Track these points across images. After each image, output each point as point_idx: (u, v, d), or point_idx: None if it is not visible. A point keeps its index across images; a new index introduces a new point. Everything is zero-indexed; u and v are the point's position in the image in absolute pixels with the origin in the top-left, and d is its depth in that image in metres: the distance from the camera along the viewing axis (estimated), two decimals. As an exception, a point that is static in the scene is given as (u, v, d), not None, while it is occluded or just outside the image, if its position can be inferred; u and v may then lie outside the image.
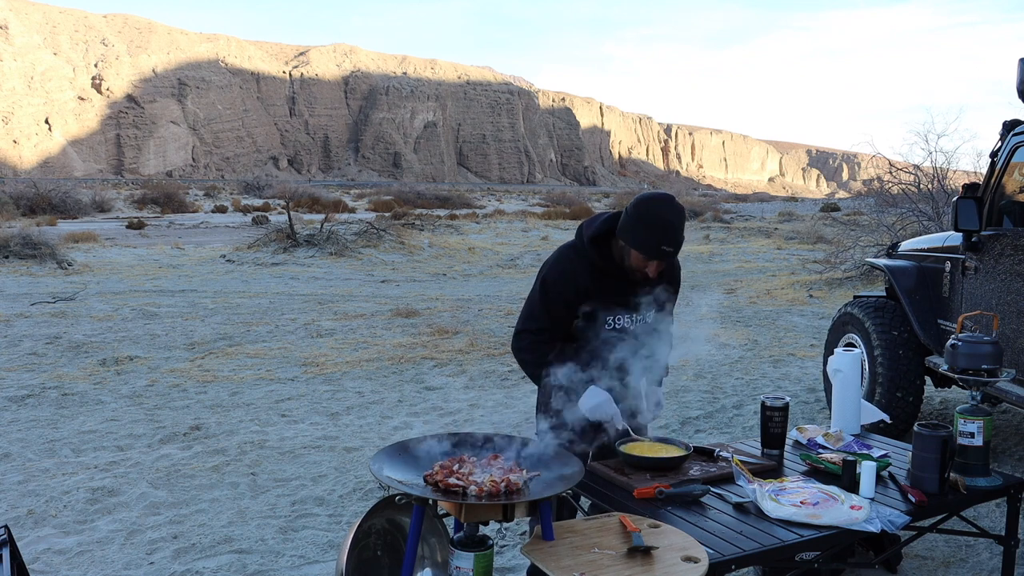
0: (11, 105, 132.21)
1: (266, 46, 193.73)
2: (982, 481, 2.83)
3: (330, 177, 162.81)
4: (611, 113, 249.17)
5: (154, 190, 43.34)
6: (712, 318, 10.33)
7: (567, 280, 2.80)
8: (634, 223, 2.69)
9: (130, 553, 3.72)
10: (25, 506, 4.24)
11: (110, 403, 6.28)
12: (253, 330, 9.35)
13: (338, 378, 7.01)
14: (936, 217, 12.45)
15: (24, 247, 15.38)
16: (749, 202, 69.51)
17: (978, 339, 2.95)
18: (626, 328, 2.85)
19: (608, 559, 1.99)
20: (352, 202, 46.43)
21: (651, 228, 2.66)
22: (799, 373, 7.37)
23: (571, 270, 2.82)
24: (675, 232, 2.67)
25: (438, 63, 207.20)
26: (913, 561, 3.58)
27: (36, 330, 9.07)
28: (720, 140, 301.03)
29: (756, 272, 15.82)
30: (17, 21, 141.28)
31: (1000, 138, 4.71)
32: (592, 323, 2.82)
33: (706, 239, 24.34)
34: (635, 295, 2.82)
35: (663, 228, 2.66)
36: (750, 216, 38.64)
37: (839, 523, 2.48)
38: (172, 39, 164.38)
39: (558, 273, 2.84)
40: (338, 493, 4.45)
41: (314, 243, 18.07)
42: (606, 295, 2.80)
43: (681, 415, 6.04)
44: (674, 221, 2.68)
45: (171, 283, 13.47)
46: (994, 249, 4.54)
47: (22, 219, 25.18)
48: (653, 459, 2.87)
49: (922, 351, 5.16)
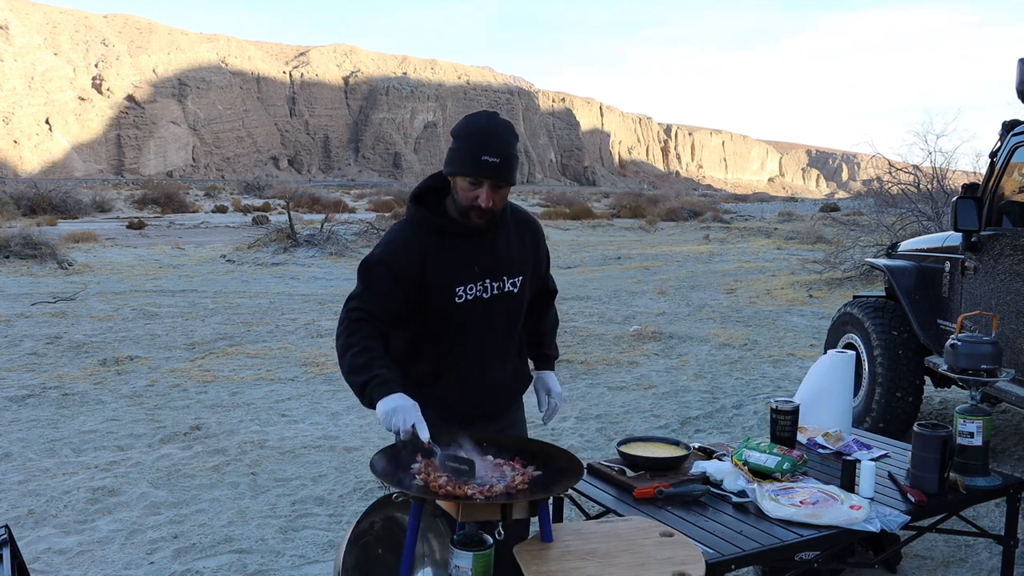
0: (11, 105, 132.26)
1: (266, 46, 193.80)
2: (981, 481, 2.83)
3: (330, 177, 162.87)
4: (611, 113, 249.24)
5: (154, 190, 43.34)
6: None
7: (396, 253, 2.31)
8: (452, 147, 2.29)
9: (130, 553, 3.72)
10: (25, 506, 4.24)
11: (110, 403, 6.29)
12: (253, 330, 9.35)
13: (338, 378, 7.01)
14: (936, 217, 12.45)
15: (24, 247, 15.39)
16: (749, 202, 69.51)
17: (978, 339, 2.95)
18: (481, 299, 2.35)
19: (593, 567, 1.95)
20: (352, 202, 46.44)
21: (467, 141, 2.23)
22: (799, 373, 7.37)
23: (402, 241, 2.33)
24: (496, 140, 2.22)
25: (438, 63, 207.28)
26: (913, 561, 3.58)
27: (36, 330, 9.07)
28: (720, 140, 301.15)
29: (756, 272, 15.82)
30: (17, 21, 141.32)
31: (1000, 138, 4.72)
32: (439, 301, 2.33)
33: (706, 239, 24.35)
34: (486, 255, 2.36)
35: (481, 135, 2.23)
36: (750, 216, 38.65)
37: (839, 523, 2.49)
38: (172, 39, 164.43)
39: (385, 247, 2.35)
40: (338, 493, 4.45)
41: (314, 243, 18.07)
42: (449, 261, 2.32)
43: (681, 415, 6.04)
44: (496, 129, 2.25)
45: (171, 283, 13.47)
46: (993, 249, 4.55)
47: (22, 219, 25.18)
48: (653, 459, 2.88)
49: (922, 351, 5.16)
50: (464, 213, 2.29)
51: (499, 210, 2.32)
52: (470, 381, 2.41)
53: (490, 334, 2.41)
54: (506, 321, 2.44)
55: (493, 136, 2.23)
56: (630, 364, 7.75)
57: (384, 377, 2.17)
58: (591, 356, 8.02)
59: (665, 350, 8.40)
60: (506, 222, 2.43)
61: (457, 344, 2.38)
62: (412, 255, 2.30)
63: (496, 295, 2.38)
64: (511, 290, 2.41)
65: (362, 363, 2.20)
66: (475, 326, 2.37)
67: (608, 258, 18.80)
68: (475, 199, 2.25)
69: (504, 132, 2.26)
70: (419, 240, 2.32)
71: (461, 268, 2.33)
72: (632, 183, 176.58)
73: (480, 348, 2.40)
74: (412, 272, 2.29)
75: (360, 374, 2.19)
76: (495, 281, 2.38)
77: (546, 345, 2.71)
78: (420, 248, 2.31)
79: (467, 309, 2.34)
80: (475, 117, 2.30)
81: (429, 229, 2.33)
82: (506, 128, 2.28)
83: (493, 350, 2.44)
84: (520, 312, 2.49)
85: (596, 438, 5.49)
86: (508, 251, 2.41)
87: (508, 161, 2.24)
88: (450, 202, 2.34)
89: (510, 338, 2.49)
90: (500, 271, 2.38)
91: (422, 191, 2.40)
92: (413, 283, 2.30)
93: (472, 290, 2.34)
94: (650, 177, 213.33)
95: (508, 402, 2.55)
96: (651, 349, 8.44)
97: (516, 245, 2.45)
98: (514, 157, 2.26)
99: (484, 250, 2.36)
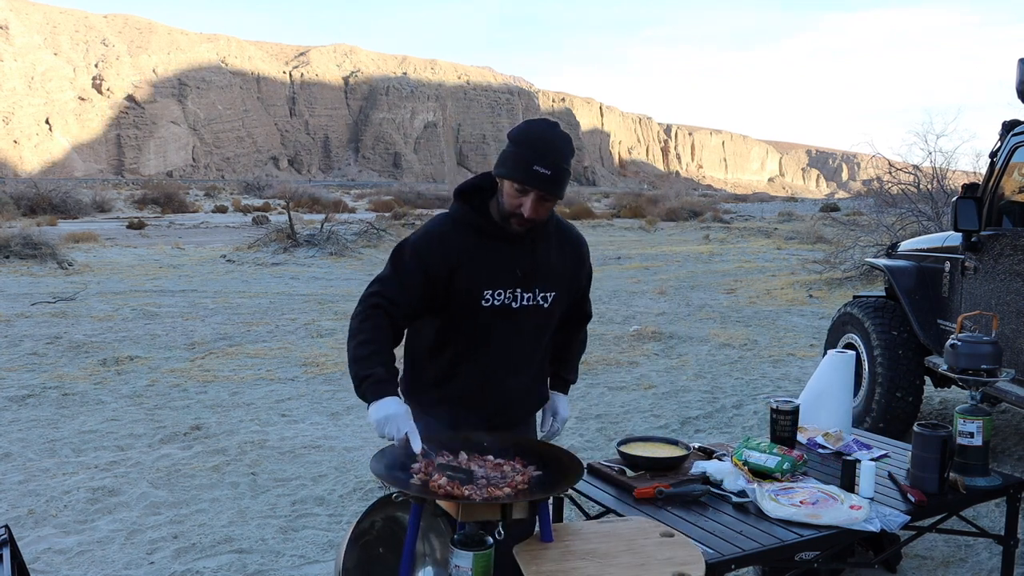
0: (11, 105, 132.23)
1: (266, 46, 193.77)
2: (981, 481, 2.83)
3: (330, 177, 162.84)
4: (611, 113, 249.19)
5: (154, 190, 43.38)
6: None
7: (431, 245, 2.27)
8: (506, 150, 2.24)
9: (130, 553, 3.72)
10: (25, 506, 4.24)
11: (110, 403, 6.29)
12: (253, 330, 9.35)
13: (338, 378, 7.01)
14: (936, 217, 12.45)
15: (24, 247, 15.39)
16: (749, 202, 69.51)
17: (978, 339, 2.95)
18: (509, 307, 2.30)
19: (593, 567, 1.94)
20: (352, 202, 46.46)
21: (522, 146, 2.18)
22: (799, 373, 7.37)
23: (439, 234, 2.29)
24: (551, 151, 2.17)
25: (438, 63, 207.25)
26: (913, 561, 3.58)
27: (36, 330, 9.07)
28: (720, 140, 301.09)
29: (756, 272, 15.82)
30: (17, 21, 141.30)
31: (1000, 138, 4.72)
32: (467, 301, 2.28)
33: (706, 239, 24.35)
34: (522, 263, 2.30)
35: (536, 144, 2.18)
36: (750, 216, 38.65)
37: (839, 523, 2.48)
38: (172, 39, 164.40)
39: (421, 236, 2.31)
40: (338, 493, 4.46)
41: (314, 243, 18.07)
42: (484, 263, 2.27)
43: (681, 415, 6.04)
44: (553, 140, 2.21)
45: (171, 283, 13.47)
46: (993, 249, 4.55)
47: (22, 219, 25.19)
48: (653, 459, 2.88)
49: (922, 351, 5.16)
50: (505, 218, 2.25)
51: (541, 221, 2.27)
52: (488, 386, 2.37)
53: (515, 344, 2.37)
54: (533, 334, 2.40)
55: (549, 147, 2.18)
56: (630, 364, 7.75)
57: (380, 376, 2.15)
58: (591, 356, 8.02)
59: (665, 350, 8.40)
60: (548, 233, 2.37)
61: (481, 347, 2.34)
62: (447, 250, 2.26)
63: (526, 306, 2.33)
64: (541, 304, 2.36)
65: (364, 355, 2.19)
66: (500, 332, 2.33)
67: (608, 258, 18.81)
68: (519, 206, 2.20)
69: (561, 144, 2.22)
70: (457, 237, 2.28)
71: (495, 272, 2.29)
72: (632, 183, 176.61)
73: (502, 356, 2.36)
74: (443, 267, 2.25)
75: (360, 366, 2.18)
76: (527, 292, 2.32)
77: (567, 368, 2.66)
78: (457, 245, 2.27)
79: (493, 314, 2.30)
80: (535, 124, 2.27)
81: (468, 227, 2.29)
82: (564, 141, 2.24)
83: (516, 360, 2.39)
84: (548, 327, 2.45)
85: (596, 438, 5.49)
86: (547, 263, 2.36)
87: (559, 175, 2.19)
88: (494, 203, 2.30)
89: (534, 352, 2.44)
90: (534, 282, 2.33)
91: (468, 188, 2.36)
92: (442, 279, 2.26)
93: (501, 296, 2.29)
94: (650, 177, 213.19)
95: (522, 415, 2.51)
96: (651, 349, 8.44)
97: (556, 259, 2.39)
98: (566, 172, 2.22)
99: (522, 257, 2.31)
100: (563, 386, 2.65)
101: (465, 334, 2.33)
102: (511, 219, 2.24)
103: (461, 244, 2.27)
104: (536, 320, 2.37)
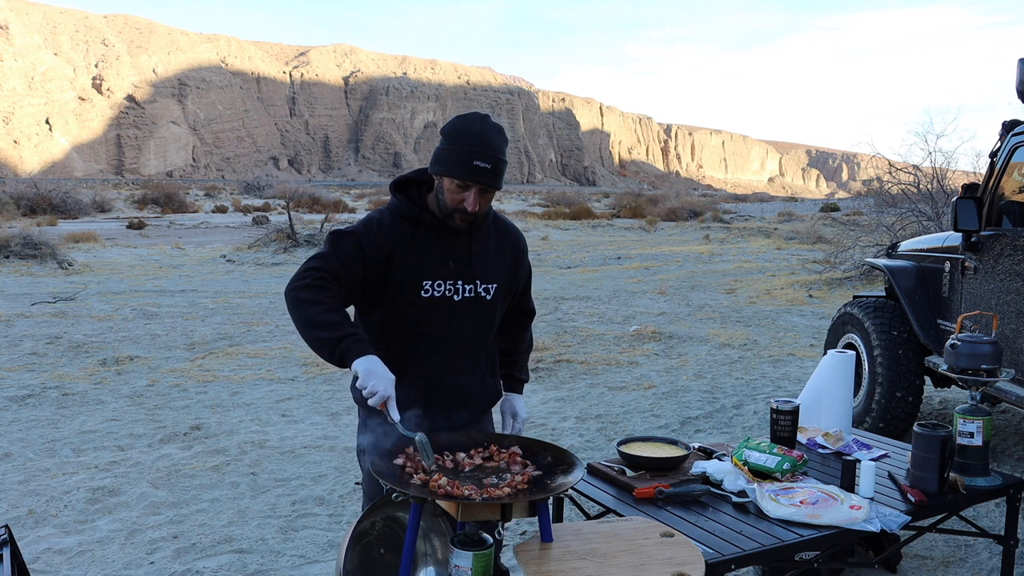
0: (11, 105, 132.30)
1: (266, 46, 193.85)
2: (981, 481, 2.83)
3: (330, 177, 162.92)
4: (611, 113, 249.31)
5: (154, 190, 43.41)
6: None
7: (370, 230, 2.27)
8: (441, 147, 2.25)
9: (130, 553, 3.72)
10: (26, 506, 4.24)
11: (110, 403, 6.29)
12: (253, 330, 9.36)
13: (338, 378, 7.01)
14: (936, 217, 12.45)
15: (25, 247, 15.39)
16: (749, 202, 69.51)
17: (978, 339, 2.95)
18: (449, 298, 2.29)
19: (593, 567, 1.94)
20: (352, 202, 46.43)
21: (460, 142, 2.20)
22: (799, 373, 7.37)
23: (377, 222, 2.29)
24: (489, 146, 2.19)
25: (438, 64, 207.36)
26: (913, 561, 3.58)
27: (37, 330, 9.07)
28: (720, 140, 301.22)
29: (756, 272, 15.82)
30: (17, 21, 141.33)
31: (1000, 138, 4.72)
32: (406, 291, 2.27)
33: (706, 239, 24.35)
34: (461, 254, 2.31)
35: (474, 139, 2.19)
36: (750, 216, 38.65)
37: (839, 523, 2.49)
38: (172, 39, 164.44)
39: (360, 223, 2.32)
40: (338, 493, 4.46)
41: (314, 243, 18.07)
42: (422, 253, 2.28)
43: (681, 415, 6.04)
44: (487, 134, 2.21)
45: (171, 283, 13.47)
46: (993, 249, 4.55)
47: (23, 219, 25.20)
48: (653, 459, 2.88)
49: (921, 351, 5.16)
50: (448, 214, 2.26)
51: (483, 213, 2.30)
52: (432, 384, 2.31)
53: (458, 338, 2.33)
54: (476, 327, 2.37)
55: (485, 141, 2.20)
56: (630, 364, 7.75)
57: (361, 337, 2.11)
58: (591, 356, 8.02)
59: (665, 350, 8.40)
60: (487, 227, 2.39)
61: (422, 342, 2.31)
62: (385, 237, 2.26)
63: (468, 298, 2.32)
64: (484, 295, 2.35)
65: (335, 320, 2.13)
66: (441, 326, 2.30)
67: (608, 258, 18.81)
68: (462, 202, 2.22)
69: (496, 138, 2.23)
70: (395, 226, 2.28)
71: (433, 263, 2.28)
72: (632, 183, 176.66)
73: (446, 351, 2.32)
74: (380, 252, 2.24)
75: (333, 330, 2.11)
76: (468, 283, 2.32)
77: (517, 367, 2.61)
78: (394, 233, 2.27)
79: (433, 306, 2.28)
80: (467, 119, 2.26)
81: (406, 218, 2.30)
82: (498, 133, 2.25)
83: (460, 355, 2.35)
84: (492, 320, 2.42)
85: (596, 438, 5.49)
86: (485, 255, 2.36)
87: (498, 167, 2.22)
88: (431, 198, 2.31)
89: (480, 346, 2.40)
90: (474, 274, 2.33)
91: (404, 181, 2.38)
92: (378, 263, 2.24)
93: (440, 287, 2.28)
94: (650, 177, 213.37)
95: (473, 413, 2.43)
96: (651, 349, 8.44)
97: (495, 252, 2.39)
98: (504, 163, 2.24)
99: (460, 249, 2.31)
100: (518, 386, 2.61)
101: (408, 329, 2.30)
102: (454, 215, 2.25)
103: (399, 233, 2.27)
104: (479, 312, 2.36)
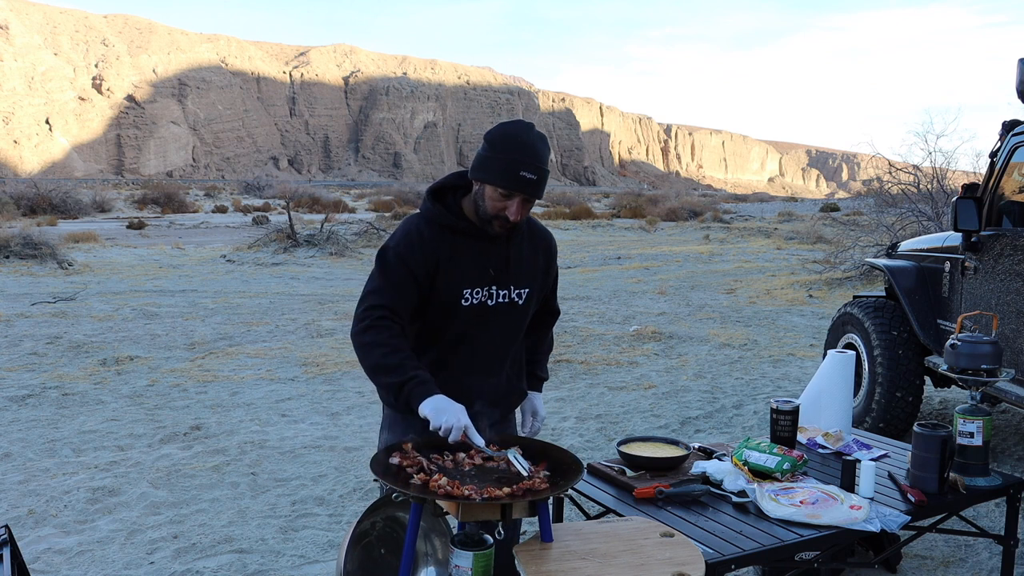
0: (11, 105, 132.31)
1: (266, 46, 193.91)
2: (981, 481, 2.83)
3: (330, 177, 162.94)
4: (611, 113, 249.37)
5: (154, 190, 43.41)
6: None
7: (413, 248, 2.26)
8: (486, 154, 2.23)
9: (130, 553, 3.72)
10: (26, 506, 4.24)
11: (110, 403, 6.29)
12: (253, 330, 9.35)
13: (338, 378, 7.01)
14: (936, 217, 12.45)
15: (25, 247, 15.39)
16: (749, 202, 69.50)
17: (978, 339, 2.95)
18: (485, 305, 2.32)
19: (593, 567, 1.94)
20: (352, 202, 46.46)
21: (506, 151, 2.19)
22: (799, 373, 7.37)
23: (417, 235, 2.28)
24: (536, 157, 2.19)
25: (438, 63, 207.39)
26: (913, 561, 3.58)
27: (37, 330, 9.07)
28: (720, 140, 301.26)
29: (756, 272, 15.82)
30: (17, 21, 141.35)
31: (1000, 138, 4.72)
32: (446, 301, 2.29)
33: (706, 239, 24.35)
34: (497, 260, 2.32)
35: (520, 149, 2.18)
36: (750, 216, 38.65)
37: (839, 523, 2.49)
38: (172, 39, 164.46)
39: (400, 240, 2.30)
40: (338, 493, 4.46)
41: (314, 243, 18.08)
42: (461, 261, 2.28)
43: (681, 415, 6.04)
44: (534, 144, 2.21)
45: (171, 283, 13.47)
46: (993, 249, 4.55)
47: (23, 219, 25.20)
48: (653, 459, 2.88)
49: (921, 351, 5.16)
50: (487, 221, 2.25)
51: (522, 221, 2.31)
52: (462, 387, 2.31)
53: (488, 342, 2.37)
54: (507, 331, 2.40)
55: (532, 152, 2.20)
56: (630, 364, 7.75)
57: (423, 378, 2.14)
58: (591, 356, 8.02)
59: (665, 350, 8.40)
60: (521, 231, 2.39)
61: (455, 347, 2.34)
62: (428, 251, 2.26)
63: (502, 303, 2.35)
64: (516, 301, 2.37)
65: (396, 363, 2.16)
66: (478, 331, 2.34)
67: (608, 258, 18.81)
68: (503, 210, 2.22)
69: (541, 148, 2.23)
70: (435, 237, 2.28)
71: (473, 270, 2.29)
72: (632, 183, 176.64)
73: (477, 355, 2.36)
74: (426, 267, 2.26)
75: (395, 374, 2.15)
76: (503, 289, 2.34)
77: (539, 366, 2.64)
78: (435, 245, 2.27)
79: (471, 312, 2.30)
80: (514, 128, 2.25)
81: (444, 227, 2.29)
82: (543, 143, 2.25)
83: (490, 358, 2.39)
84: (522, 325, 2.45)
85: (596, 438, 5.49)
86: (520, 260, 2.37)
87: (543, 178, 2.23)
88: (468, 203, 2.31)
89: (508, 349, 2.44)
90: (510, 280, 2.35)
91: (441, 187, 2.37)
92: (426, 278, 2.26)
93: (479, 294, 2.30)
94: (650, 177, 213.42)
95: (503, 412, 2.49)
96: (651, 349, 8.44)
97: (529, 256, 2.41)
98: (547, 173, 2.25)
99: (498, 255, 2.32)
100: (538, 384, 2.64)
101: (445, 335, 2.33)
102: (494, 222, 2.25)
103: (439, 244, 2.27)
104: (511, 317, 2.39)
